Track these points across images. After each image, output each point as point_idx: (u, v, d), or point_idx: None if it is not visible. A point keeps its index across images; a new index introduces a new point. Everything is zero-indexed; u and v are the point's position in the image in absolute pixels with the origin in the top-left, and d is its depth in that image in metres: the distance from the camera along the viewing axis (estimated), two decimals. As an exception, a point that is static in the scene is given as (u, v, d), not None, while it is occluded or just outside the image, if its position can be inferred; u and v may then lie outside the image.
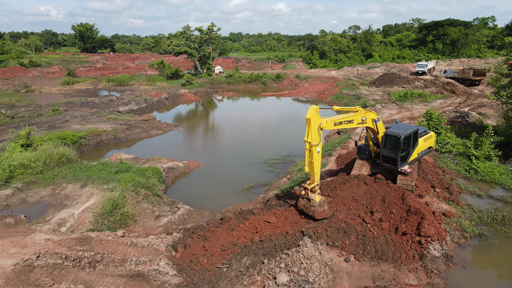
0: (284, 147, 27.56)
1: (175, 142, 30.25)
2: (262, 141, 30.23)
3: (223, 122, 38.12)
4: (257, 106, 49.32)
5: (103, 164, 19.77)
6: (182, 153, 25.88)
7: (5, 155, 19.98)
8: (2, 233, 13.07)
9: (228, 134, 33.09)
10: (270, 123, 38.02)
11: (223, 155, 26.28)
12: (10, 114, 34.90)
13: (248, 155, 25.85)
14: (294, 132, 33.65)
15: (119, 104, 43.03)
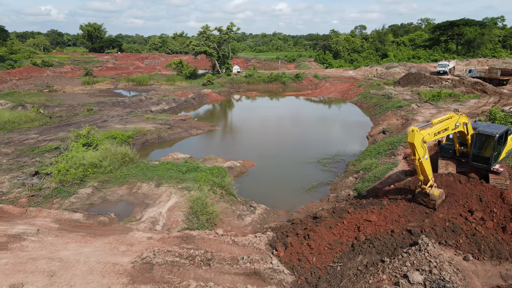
0: (329, 147, 27.66)
1: (217, 141, 30.34)
2: (302, 141, 30.31)
3: (256, 122, 38.21)
4: (285, 105, 49.40)
5: (168, 164, 19.85)
6: (229, 153, 25.93)
7: (70, 154, 20.08)
8: (101, 231, 13.17)
9: (266, 133, 33.18)
10: (304, 122, 38.08)
11: (271, 154, 26.32)
12: (48, 113, 35.03)
13: (296, 155, 25.96)
14: (332, 132, 33.76)
15: (149, 104, 43.14)
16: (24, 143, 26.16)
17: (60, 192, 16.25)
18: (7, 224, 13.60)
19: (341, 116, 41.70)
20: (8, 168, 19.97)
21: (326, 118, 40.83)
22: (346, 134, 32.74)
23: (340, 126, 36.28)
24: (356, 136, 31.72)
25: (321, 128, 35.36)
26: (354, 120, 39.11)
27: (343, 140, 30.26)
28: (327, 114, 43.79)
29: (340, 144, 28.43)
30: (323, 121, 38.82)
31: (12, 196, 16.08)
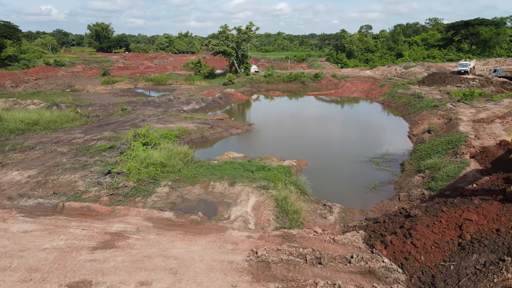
0: (373, 146, 27.76)
1: (259, 140, 30.37)
2: (344, 140, 30.36)
3: (291, 121, 38.22)
4: (312, 105, 49.46)
5: (233, 163, 19.93)
6: (275, 152, 25.88)
7: (134, 153, 20.15)
8: (197, 230, 13.25)
9: (305, 132, 33.22)
10: (339, 122, 38.16)
11: (318, 153, 26.34)
12: (85, 113, 35.12)
13: (344, 154, 26.07)
14: (370, 132, 33.70)
15: (179, 103, 43.22)
16: (72, 142, 26.26)
17: (139, 191, 16.32)
18: (102, 223, 13.69)
19: (372, 116, 41.72)
20: (73, 167, 20.05)
21: (358, 117, 40.89)
22: (385, 134, 32.79)
23: (376, 126, 36.32)
24: (396, 135, 31.79)
25: (357, 127, 35.39)
26: (387, 120, 39.18)
27: (384, 140, 30.33)
28: (358, 114, 43.84)
29: (383, 144, 28.50)
30: (357, 120, 38.85)
31: (92, 195, 16.16)
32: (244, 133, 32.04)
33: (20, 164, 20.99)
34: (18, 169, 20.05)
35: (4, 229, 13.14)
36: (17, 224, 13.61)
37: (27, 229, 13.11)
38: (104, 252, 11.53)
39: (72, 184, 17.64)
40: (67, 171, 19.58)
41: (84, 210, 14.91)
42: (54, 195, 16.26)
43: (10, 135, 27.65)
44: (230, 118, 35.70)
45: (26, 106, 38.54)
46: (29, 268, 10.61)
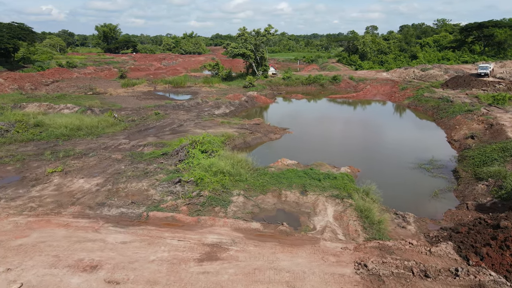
0: (415, 151, 27.92)
1: (301, 146, 30.45)
2: (385, 145, 30.52)
3: (324, 125, 38.35)
4: (339, 108, 49.68)
5: (295, 171, 20.12)
6: (322, 158, 26.04)
7: (196, 161, 20.37)
8: (289, 241, 13.45)
9: (342, 137, 33.40)
10: (371, 125, 38.26)
11: (364, 159, 26.43)
12: (121, 118, 35.33)
13: (391, 159, 26.26)
14: (405, 136, 33.81)
15: (208, 107, 43.44)
16: (120, 148, 26.48)
17: (215, 201, 16.52)
18: (193, 233, 13.90)
19: (403, 120, 41.88)
20: (135, 175, 20.26)
21: (390, 121, 41.12)
22: (422, 138, 32.96)
23: (410, 130, 36.54)
24: (433, 140, 32.01)
25: (393, 131, 35.55)
26: (419, 124, 39.33)
27: (424, 145, 30.49)
28: (388, 117, 44.03)
29: (424, 149, 28.64)
30: (389, 124, 39.07)
31: (169, 205, 16.37)
32: (283, 138, 32.22)
33: (81, 171, 21.21)
34: (82, 176, 20.27)
35: (101, 240, 13.35)
36: (110, 234, 13.82)
37: (124, 240, 13.31)
38: (212, 264, 11.73)
39: (144, 193, 17.84)
40: (131, 179, 19.79)
41: (169, 220, 15.11)
42: (132, 204, 16.47)
43: (57, 140, 27.91)
44: (267, 123, 35.85)
45: (60, 110, 38.78)
46: (147, 281, 10.82)
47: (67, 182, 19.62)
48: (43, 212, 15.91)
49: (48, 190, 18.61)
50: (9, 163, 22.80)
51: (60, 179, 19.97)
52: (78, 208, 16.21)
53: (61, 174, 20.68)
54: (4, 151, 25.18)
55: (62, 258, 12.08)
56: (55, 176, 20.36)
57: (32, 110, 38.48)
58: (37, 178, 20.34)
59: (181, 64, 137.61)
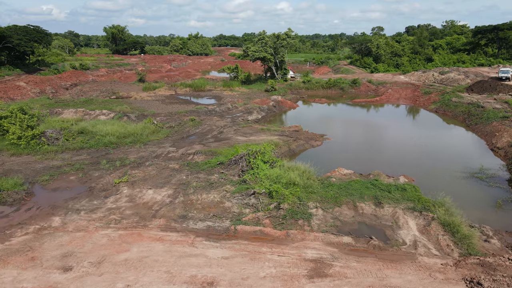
0: (462, 159, 28.17)
1: (345, 153, 30.56)
2: (428, 152, 30.67)
3: (360, 131, 38.45)
4: (366, 113, 49.76)
5: (361, 182, 20.35)
6: (374, 166, 26.27)
7: (262, 172, 20.63)
8: (386, 256, 13.70)
9: (382, 144, 33.53)
10: (406, 131, 38.46)
11: (413, 167, 26.60)
12: (160, 125, 35.60)
13: (441, 168, 26.47)
14: (447, 143, 33.92)
15: (239, 112, 43.71)
16: (169, 157, 26.75)
17: (295, 213, 16.76)
18: (289, 248, 14.15)
19: (435, 125, 41.99)
20: (201, 186, 20.52)
21: (424, 127, 41.33)
22: (461, 145, 33.23)
23: (447, 137, 36.75)
24: (474, 147, 32.29)
25: (430, 138, 35.68)
26: (452, 130, 39.52)
27: (466, 152, 30.77)
28: (421, 123, 44.16)
29: (468, 157, 28.95)
30: (424, 130, 39.24)
31: (251, 218, 16.62)
32: (324, 145, 32.45)
33: (145, 181, 21.49)
34: (149, 187, 20.55)
35: (202, 255, 13.61)
36: (208, 249, 14.09)
37: (225, 255, 13.58)
38: (324, 281, 12.00)
39: (220, 205, 18.10)
40: (199, 190, 20.05)
41: (257, 234, 15.38)
42: (215, 218, 16.73)
43: (107, 148, 28.21)
44: (305, 129, 36.04)
45: (96, 117, 39.07)
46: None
47: (137, 193, 19.89)
48: (129, 225, 16.18)
49: (122, 201, 18.89)
50: (70, 173, 23.11)
51: (129, 190, 20.25)
52: (162, 221, 16.47)
53: (127, 184, 20.96)
54: (60, 159, 25.50)
55: (174, 274, 12.34)
56: (123, 186, 20.64)
57: (68, 116, 38.77)
58: (105, 188, 20.63)
59: (191, 66, 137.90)
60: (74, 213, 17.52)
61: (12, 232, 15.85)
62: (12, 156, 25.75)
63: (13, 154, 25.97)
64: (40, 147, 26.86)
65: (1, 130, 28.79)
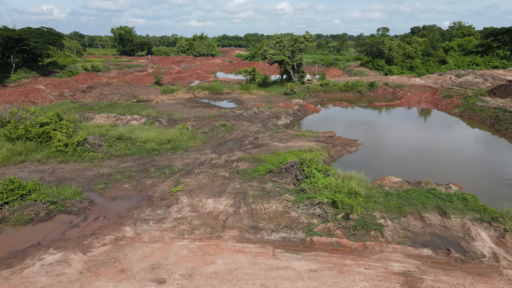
0: (506, 166, 28.36)
1: (381, 159, 30.79)
2: (465, 158, 30.83)
3: (387, 135, 38.73)
4: (391, 116, 49.98)
5: (416, 191, 20.51)
6: (415, 172, 26.43)
7: (319, 181, 20.81)
8: (471, 269, 13.86)
9: (418, 149, 33.59)
10: (436, 136, 38.57)
11: (458, 174, 26.69)
12: (194, 130, 35.78)
13: (484, 174, 26.67)
14: (483, 149, 34.13)
15: (267, 117, 43.86)
16: (213, 164, 26.93)
17: (365, 224, 16.93)
18: (371, 260, 14.32)
19: (464, 130, 42.14)
20: (258, 195, 20.67)
21: (451, 131, 41.55)
22: (498, 151, 33.43)
23: (480, 142, 36.99)
24: (511, 153, 32.49)
25: (463, 142, 35.88)
26: (481, 136, 39.65)
27: (506, 159, 30.93)
28: (447, 127, 44.32)
29: (509, 164, 29.09)
30: (453, 134, 39.46)
31: (321, 228, 16.81)
32: (360, 151, 32.60)
33: (200, 190, 21.66)
34: (207, 196, 20.73)
35: (289, 267, 13.79)
36: (292, 261, 14.26)
37: (311, 268, 13.76)
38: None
39: (286, 215, 18.28)
40: (257, 199, 20.23)
41: (334, 245, 15.56)
42: (286, 228, 16.91)
43: (149, 155, 28.38)
44: (338, 135, 36.20)
45: (128, 122, 39.26)
46: (374, 313, 11.27)
47: (197, 202, 20.08)
48: (204, 236, 16.36)
49: (185, 211, 19.07)
50: (122, 181, 23.30)
51: (188, 199, 20.43)
52: (236, 232, 16.65)
53: (185, 193, 21.14)
54: (108, 167, 25.69)
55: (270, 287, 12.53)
56: (181, 195, 20.83)
57: (101, 121, 38.98)
58: (163, 197, 20.82)
59: (199, 67, 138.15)
60: (143, 223, 17.72)
61: (89, 242, 16.05)
62: (60, 163, 25.94)
63: (61, 161, 26.15)
64: (86, 154, 27.04)
65: (45, 136, 28.97)
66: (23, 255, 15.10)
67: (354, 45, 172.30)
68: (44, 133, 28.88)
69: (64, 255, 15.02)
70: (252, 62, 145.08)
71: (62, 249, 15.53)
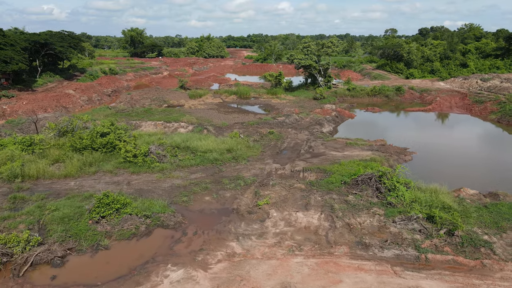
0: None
1: (436, 167, 30.93)
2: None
3: (438, 143, 38.71)
4: (429, 122, 50.13)
5: (506, 205, 20.69)
6: (475, 183, 26.48)
7: (406, 195, 20.99)
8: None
9: (469, 156, 33.87)
10: (486, 143, 38.77)
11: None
12: (246, 138, 35.95)
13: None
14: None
15: (308, 123, 44.08)
16: (280, 175, 27.13)
17: (472, 240, 17.10)
18: (498, 279, 14.52)
19: (506, 137, 42.35)
20: (345, 208, 20.85)
21: (495, 138, 41.74)
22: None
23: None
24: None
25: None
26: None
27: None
28: (489, 133, 44.56)
29: None
30: (497, 141, 39.60)
31: (428, 244, 16.99)
32: (415, 160, 32.76)
33: (284, 203, 21.83)
34: (296, 210, 20.91)
35: (418, 286, 14.00)
36: (418, 280, 14.46)
37: (443, 287, 13.97)
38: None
39: (385, 230, 18.47)
40: (346, 212, 20.40)
41: (450, 263, 15.75)
42: (393, 244, 17.11)
43: (214, 166, 28.53)
44: (389, 143, 36.37)
45: (175, 129, 39.53)
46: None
47: (287, 216, 20.27)
48: (315, 253, 16.56)
49: (281, 225, 19.28)
50: (201, 193, 23.51)
51: (278, 212, 20.63)
52: (345, 248, 16.86)
53: (271, 206, 21.35)
54: (179, 178, 25.91)
55: (415, 308, 12.74)
56: (268, 209, 21.03)
57: (149, 129, 39.24)
58: (251, 211, 21.02)
59: (213, 69, 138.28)
60: (246, 239, 17.93)
61: (203, 259, 16.27)
62: (132, 175, 26.16)
63: (133, 172, 26.37)
64: (154, 164, 27.27)
65: (109, 146, 29.21)
66: (146, 272, 15.33)
67: (360, 46, 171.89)
68: (108, 143, 29.10)
69: (186, 272, 15.24)
70: (265, 65, 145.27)
71: (180, 265, 15.75)
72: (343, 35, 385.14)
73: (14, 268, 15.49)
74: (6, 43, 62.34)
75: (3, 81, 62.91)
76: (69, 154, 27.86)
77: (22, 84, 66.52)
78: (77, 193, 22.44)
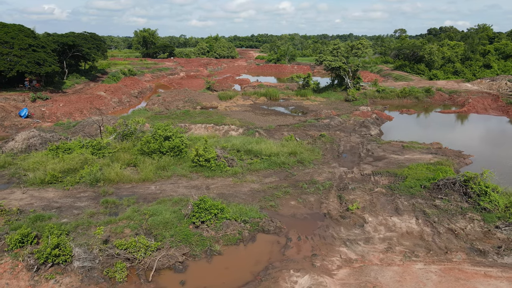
0: None
1: (502, 173, 30.87)
2: None
3: (486, 145, 38.79)
4: (472, 125, 50.15)
5: None
6: None
7: (500, 200, 21.00)
8: None
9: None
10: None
11: None
12: (300, 141, 35.98)
13: None
14: None
15: (352, 126, 44.10)
16: (351, 178, 27.17)
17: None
18: None
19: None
20: (435, 213, 20.83)
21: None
22: None
23: None
24: None
25: None
26: None
27: None
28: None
29: None
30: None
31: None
32: (475, 163, 32.66)
33: (373, 207, 21.79)
34: (389, 215, 20.93)
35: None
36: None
37: None
38: None
39: (492, 236, 18.45)
40: (440, 217, 20.37)
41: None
42: (507, 251, 17.13)
43: (282, 169, 28.54)
44: (444, 146, 36.31)
45: (226, 132, 39.60)
46: None
47: (383, 221, 20.31)
48: (433, 259, 16.59)
49: (382, 230, 19.32)
50: (284, 197, 23.53)
51: (373, 217, 20.66)
52: (463, 255, 16.89)
53: (363, 211, 21.38)
54: (255, 182, 25.91)
55: None
56: (361, 213, 21.06)
57: (201, 132, 39.33)
58: (344, 215, 21.06)
59: (227, 70, 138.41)
60: (354, 244, 17.98)
61: (321, 264, 16.31)
62: (207, 179, 26.22)
63: (207, 176, 26.43)
64: (226, 169, 27.33)
65: (176, 150, 29.29)
66: (272, 278, 15.36)
67: (370, 46, 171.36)
68: (175, 147, 29.18)
69: (313, 278, 15.26)
70: (279, 65, 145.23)
71: (302, 271, 15.77)
72: (347, 35, 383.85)
73: (138, 274, 15.57)
74: (38, 45, 62.59)
75: (35, 83, 63.15)
76: (139, 158, 27.93)
77: (52, 85, 66.77)
78: (164, 198, 22.48)
